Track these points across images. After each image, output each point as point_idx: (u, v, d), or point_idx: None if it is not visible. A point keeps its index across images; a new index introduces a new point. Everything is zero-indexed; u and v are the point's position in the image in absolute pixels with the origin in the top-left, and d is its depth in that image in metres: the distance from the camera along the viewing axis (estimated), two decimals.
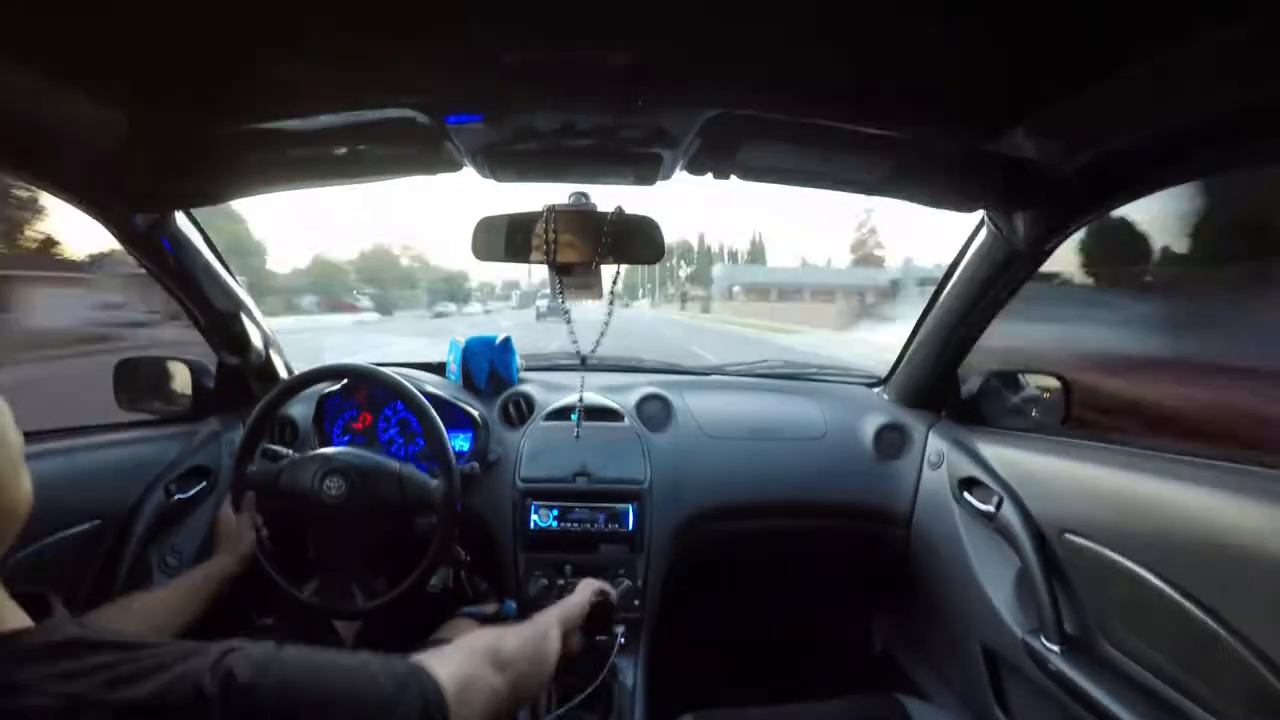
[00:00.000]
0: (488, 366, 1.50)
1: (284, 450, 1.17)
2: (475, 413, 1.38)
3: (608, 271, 1.02)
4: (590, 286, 1.02)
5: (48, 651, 0.44)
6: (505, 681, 0.66)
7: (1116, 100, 0.70)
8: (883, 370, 1.62)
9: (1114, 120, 0.75)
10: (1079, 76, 0.67)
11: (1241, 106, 0.66)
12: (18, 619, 0.47)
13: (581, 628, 0.94)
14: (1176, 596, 0.79)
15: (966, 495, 1.23)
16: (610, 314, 1.08)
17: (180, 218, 1.11)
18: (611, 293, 1.04)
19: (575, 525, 1.30)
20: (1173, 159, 0.80)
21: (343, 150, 0.93)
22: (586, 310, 1.11)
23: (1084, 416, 1.33)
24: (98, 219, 1.00)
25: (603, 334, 1.14)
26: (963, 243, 1.20)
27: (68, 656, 0.44)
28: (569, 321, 1.13)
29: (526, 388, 1.50)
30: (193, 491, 1.20)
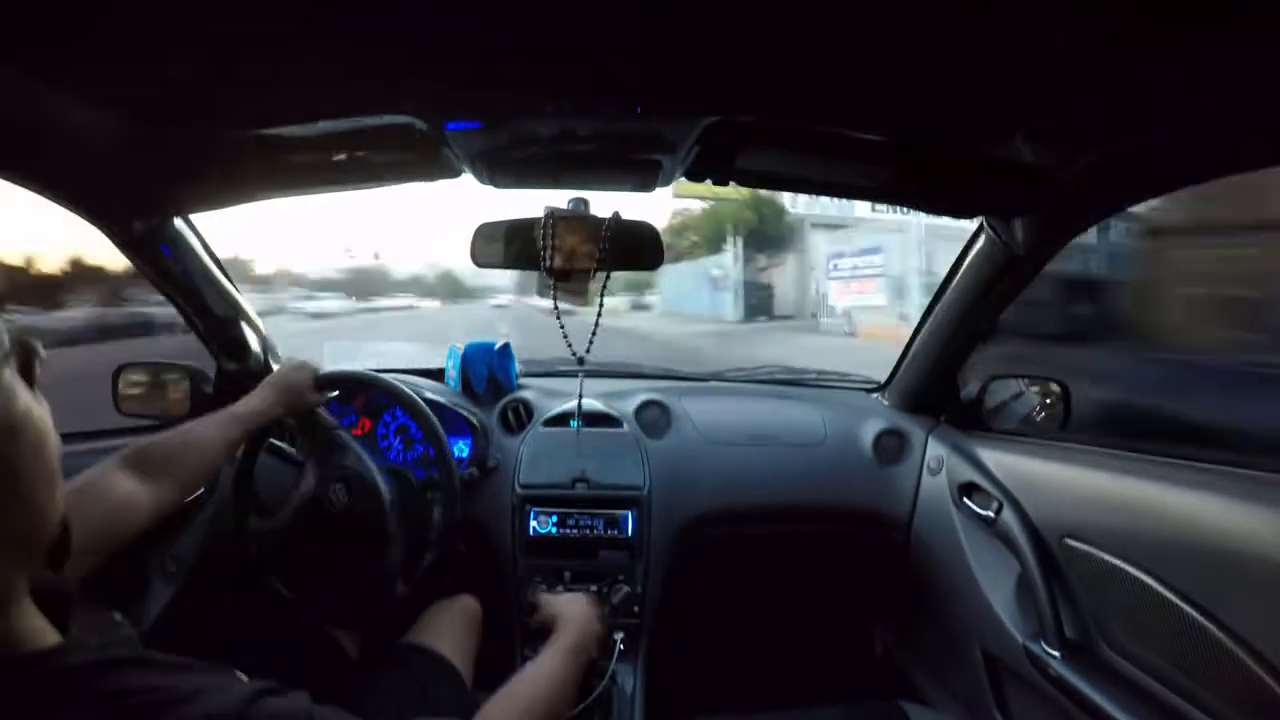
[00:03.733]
0: (486, 372, 1.50)
1: (287, 448, 1.17)
2: (474, 418, 1.38)
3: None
4: (581, 293, 1.03)
5: (72, 675, 0.43)
6: None
7: (1116, 105, 0.70)
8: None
9: (1113, 125, 0.76)
10: (1078, 81, 0.67)
11: (1241, 109, 0.66)
12: (45, 637, 0.45)
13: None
14: (1176, 601, 0.78)
15: (966, 500, 1.23)
16: (599, 316, 1.09)
17: (179, 223, 1.11)
18: (601, 297, 1.05)
19: (574, 531, 1.30)
20: (1172, 163, 0.80)
21: (341, 156, 0.93)
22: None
23: None
24: (95, 224, 1.00)
25: (594, 335, 1.14)
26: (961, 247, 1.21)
27: (93, 679, 0.43)
28: (563, 327, 1.13)
29: (525, 394, 1.50)
30: (191, 496, 1.19)
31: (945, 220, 1.17)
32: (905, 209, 1.07)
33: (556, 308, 1.06)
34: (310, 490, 1.07)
